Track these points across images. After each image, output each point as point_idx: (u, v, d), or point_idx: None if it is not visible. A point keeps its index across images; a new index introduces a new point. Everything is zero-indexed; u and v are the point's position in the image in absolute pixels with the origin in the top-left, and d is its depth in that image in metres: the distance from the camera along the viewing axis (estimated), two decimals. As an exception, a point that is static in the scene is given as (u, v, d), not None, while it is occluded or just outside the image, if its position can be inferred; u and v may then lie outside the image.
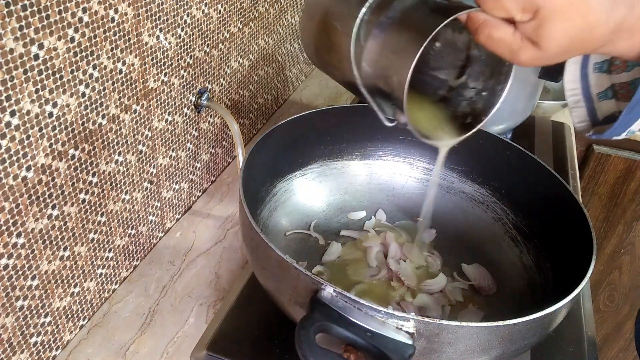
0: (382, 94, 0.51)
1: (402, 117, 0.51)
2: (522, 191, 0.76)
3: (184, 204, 0.89)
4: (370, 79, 0.50)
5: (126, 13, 0.62)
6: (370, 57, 0.48)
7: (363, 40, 0.48)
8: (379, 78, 0.49)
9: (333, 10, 0.52)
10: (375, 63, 0.48)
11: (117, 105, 0.66)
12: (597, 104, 0.52)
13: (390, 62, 0.47)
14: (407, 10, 0.47)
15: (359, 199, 0.84)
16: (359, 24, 0.48)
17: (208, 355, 0.64)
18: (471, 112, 0.55)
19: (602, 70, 0.51)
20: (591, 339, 0.72)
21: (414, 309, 0.68)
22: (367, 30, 0.48)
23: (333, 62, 0.53)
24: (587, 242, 0.59)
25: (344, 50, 0.49)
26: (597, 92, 0.52)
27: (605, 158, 1.39)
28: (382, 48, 0.47)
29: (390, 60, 0.47)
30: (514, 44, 0.40)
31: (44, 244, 0.59)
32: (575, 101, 0.52)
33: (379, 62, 0.48)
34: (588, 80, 0.51)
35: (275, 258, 0.52)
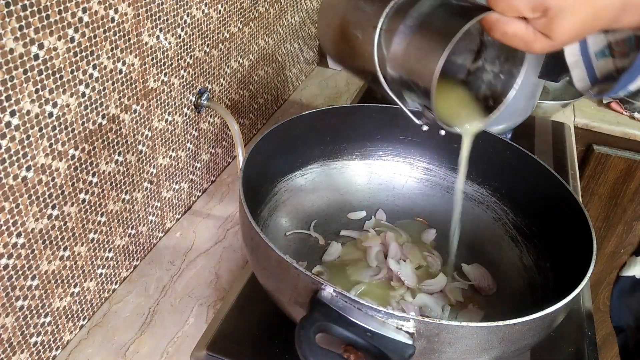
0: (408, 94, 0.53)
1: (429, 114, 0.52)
2: (522, 191, 0.76)
3: (184, 204, 0.89)
4: (396, 82, 0.51)
5: (126, 13, 0.62)
6: (395, 63, 0.50)
7: (385, 48, 0.50)
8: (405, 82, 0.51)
9: (351, 19, 0.53)
10: (400, 69, 0.50)
11: (117, 105, 0.66)
12: (595, 62, 0.54)
13: (415, 69, 0.49)
14: (426, 17, 0.48)
15: (359, 199, 0.84)
16: (379, 33, 0.50)
17: (208, 355, 0.64)
18: (491, 95, 0.56)
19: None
20: (591, 339, 0.72)
21: (414, 309, 0.68)
22: (388, 39, 0.49)
23: (358, 67, 0.55)
24: (587, 242, 0.59)
25: (367, 57, 0.51)
26: (594, 50, 0.54)
27: (605, 158, 1.39)
28: (406, 55, 0.49)
29: (415, 67, 0.49)
30: (527, 38, 0.42)
31: (44, 244, 0.59)
32: (574, 61, 0.54)
33: (404, 69, 0.50)
34: (586, 40, 0.53)
35: (275, 258, 0.52)
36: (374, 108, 0.80)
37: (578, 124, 1.36)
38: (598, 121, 1.37)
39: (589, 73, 0.54)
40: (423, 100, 0.51)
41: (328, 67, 1.43)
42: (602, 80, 0.54)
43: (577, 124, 1.36)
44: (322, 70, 1.42)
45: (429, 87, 0.47)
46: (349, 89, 1.33)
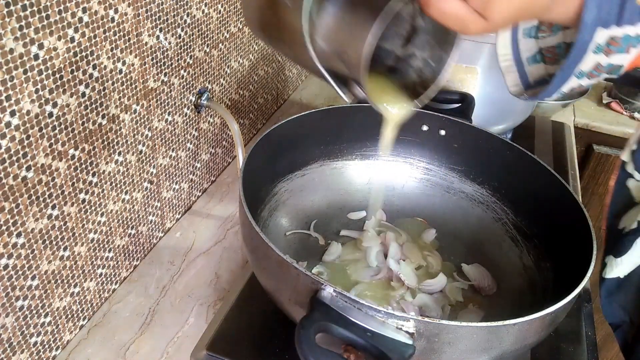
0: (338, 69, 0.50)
1: (359, 91, 0.50)
2: (522, 191, 0.76)
3: (184, 204, 0.89)
4: (325, 54, 0.48)
5: (126, 13, 0.62)
6: (325, 32, 0.47)
7: (315, 15, 0.47)
8: (335, 53, 0.48)
9: None
10: (330, 39, 0.47)
11: (117, 105, 0.66)
12: (527, 67, 0.55)
13: (347, 37, 0.46)
14: None
15: (359, 199, 0.84)
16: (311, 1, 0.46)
17: (208, 355, 0.64)
18: (421, 82, 0.54)
19: (530, 35, 0.54)
20: (591, 339, 0.72)
21: (414, 309, 0.68)
22: (319, 5, 0.46)
23: (283, 39, 0.52)
24: (587, 242, 0.59)
25: (295, 26, 0.47)
26: (526, 56, 0.55)
27: (605, 158, 1.39)
28: (338, 23, 0.46)
29: (347, 35, 0.46)
30: (464, 17, 0.41)
31: (44, 244, 0.59)
32: (507, 66, 0.55)
33: (335, 38, 0.47)
34: (518, 46, 0.54)
35: (275, 258, 0.52)
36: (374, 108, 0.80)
37: (578, 124, 1.36)
38: (598, 121, 1.37)
39: (522, 78, 0.55)
40: (353, 76, 0.48)
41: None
42: (535, 85, 0.55)
43: (577, 124, 1.36)
44: (322, 70, 1.42)
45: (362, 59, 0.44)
46: (349, 89, 1.33)
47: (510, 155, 0.76)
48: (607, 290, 0.64)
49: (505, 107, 1.02)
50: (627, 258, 0.62)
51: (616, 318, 0.65)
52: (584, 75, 0.46)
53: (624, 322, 0.65)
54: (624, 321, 0.65)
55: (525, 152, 0.74)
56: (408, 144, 0.84)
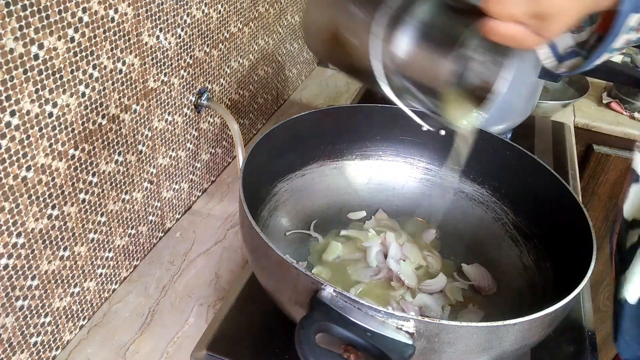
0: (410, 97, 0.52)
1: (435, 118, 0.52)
2: (522, 191, 0.76)
3: (184, 204, 0.89)
4: (398, 87, 0.51)
5: (126, 13, 0.62)
6: (396, 71, 0.49)
7: (384, 55, 0.49)
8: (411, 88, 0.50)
9: (342, 22, 0.51)
10: (402, 76, 0.49)
11: (117, 105, 0.66)
12: (556, 38, 0.56)
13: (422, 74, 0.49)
14: (425, 24, 0.48)
15: (359, 199, 0.84)
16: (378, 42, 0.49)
17: (208, 355, 0.64)
18: (483, 85, 0.55)
19: None
20: (591, 339, 0.72)
21: (414, 309, 0.68)
22: (386, 45, 0.48)
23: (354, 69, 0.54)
24: (587, 242, 0.59)
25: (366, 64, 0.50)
26: None
27: (605, 158, 1.39)
28: (409, 64, 0.48)
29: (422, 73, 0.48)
30: (521, 38, 0.44)
31: (44, 244, 0.59)
32: None
33: (407, 76, 0.49)
34: None
35: (275, 258, 0.52)
36: (374, 108, 0.80)
37: (578, 124, 1.36)
38: (598, 121, 1.37)
39: (553, 50, 0.57)
40: (428, 104, 0.51)
41: (328, 67, 1.43)
42: (565, 56, 0.57)
43: (577, 124, 1.36)
44: (322, 70, 1.42)
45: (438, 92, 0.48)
46: (349, 89, 1.33)
47: (510, 155, 0.76)
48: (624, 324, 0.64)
49: (505, 107, 1.02)
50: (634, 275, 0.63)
51: (630, 354, 0.65)
52: (614, 50, 0.50)
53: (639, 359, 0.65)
54: (639, 357, 0.65)
55: (525, 152, 0.74)
56: (408, 144, 0.84)
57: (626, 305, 0.63)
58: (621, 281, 0.64)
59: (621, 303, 0.64)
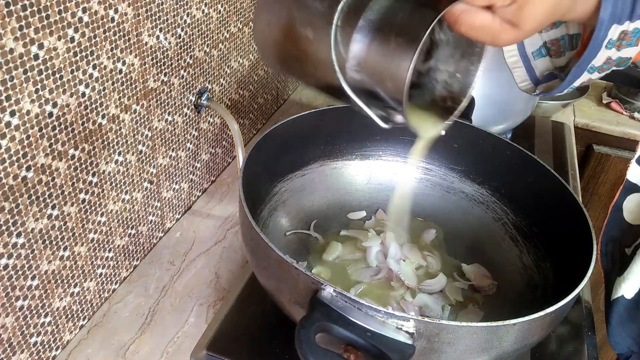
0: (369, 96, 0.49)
1: (397, 117, 0.49)
2: (522, 191, 0.76)
3: (184, 204, 0.89)
4: (356, 83, 0.47)
5: (126, 13, 0.62)
6: (356, 63, 0.46)
7: (343, 46, 0.45)
8: (368, 83, 0.47)
9: (298, 16, 0.48)
10: (362, 69, 0.46)
11: (117, 105, 0.66)
12: (533, 62, 0.55)
13: (382, 67, 0.45)
14: (387, 10, 0.44)
15: (359, 199, 0.84)
16: (335, 30, 0.45)
17: (208, 355, 0.64)
18: (449, 95, 0.53)
19: None
20: (591, 339, 0.72)
21: (414, 309, 0.68)
22: (345, 36, 0.45)
23: (307, 70, 0.50)
24: (587, 242, 0.59)
25: (321, 58, 0.46)
26: (531, 50, 0.55)
27: (605, 158, 1.39)
28: (370, 53, 0.45)
29: (382, 65, 0.45)
30: (494, 29, 0.41)
31: (44, 244, 0.59)
32: (514, 61, 0.55)
33: (368, 68, 0.46)
34: (523, 41, 0.53)
35: (275, 258, 0.52)
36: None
37: (578, 124, 1.36)
38: (598, 121, 1.37)
39: (530, 73, 0.55)
40: (388, 103, 0.48)
41: None
42: (543, 79, 0.55)
43: (577, 124, 1.36)
44: (322, 70, 1.42)
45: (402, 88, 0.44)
46: (349, 89, 1.33)
47: (510, 155, 0.76)
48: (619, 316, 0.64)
49: (505, 107, 1.02)
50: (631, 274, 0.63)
51: (624, 348, 0.65)
52: (594, 70, 0.47)
53: (633, 353, 0.65)
54: (632, 351, 0.65)
55: (525, 152, 0.74)
56: (408, 144, 0.84)
57: (622, 301, 0.63)
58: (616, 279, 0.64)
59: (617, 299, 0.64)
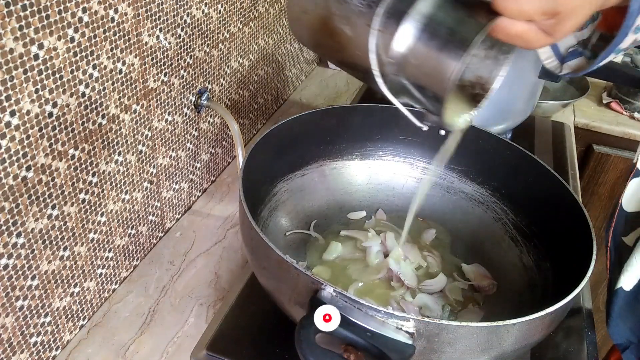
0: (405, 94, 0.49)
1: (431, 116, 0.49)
2: (522, 191, 0.76)
3: (184, 204, 0.89)
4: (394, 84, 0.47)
5: (126, 13, 0.62)
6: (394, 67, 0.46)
7: (381, 48, 0.45)
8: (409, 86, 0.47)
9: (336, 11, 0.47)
10: (401, 72, 0.46)
11: (117, 105, 0.66)
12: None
13: (424, 74, 0.45)
14: (429, 19, 0.44)
15: (359, 199, 0.84)
16: (375, 34, 0.45)
17: (208, 355, 0.64)
18: (477, 81, 0.52)
19: None
20: (591, 339, 0.72)
21: (414, 309, 0.68)
22: (385, 39, 0.45)
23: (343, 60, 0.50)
24: (587, 242, 0.59)
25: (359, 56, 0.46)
26: None
27: (605, 158, 1.39)
28: (411, 61, 0.45)
29: (424, 72, 0.45)
30: (530, 37, 0.42)
31: (44, 244, 0.59)
32: None
33: (409, 73, 0.46)
34: None
35: (275, 258, 0.52)
36: (374, 108, 0.80)
37: (578, 124, 1.36)
38: (598, 121, 1.37)
39: (554, 49, 0.55)
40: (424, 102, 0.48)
41: (328, 67, 1.43)
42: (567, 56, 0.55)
43: (577, 124, 1.36)
44: (322, 70, 1.42)
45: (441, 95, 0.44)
46: (349, 89, 1.33)
47: (510, 155, 0.76)
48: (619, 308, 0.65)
49: (505, 107, 1.02)
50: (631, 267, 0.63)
51: (622, 339, 0.65)
52: (620, 51, 0.49)
53: (631, 344, 0.65)
54: (631, 342, 0.65)
55: (525, 152, 0.74)
56: (408, 144, 0.84)
57: (621, 293, 0.64)
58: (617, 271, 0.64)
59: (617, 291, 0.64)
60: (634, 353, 0.65)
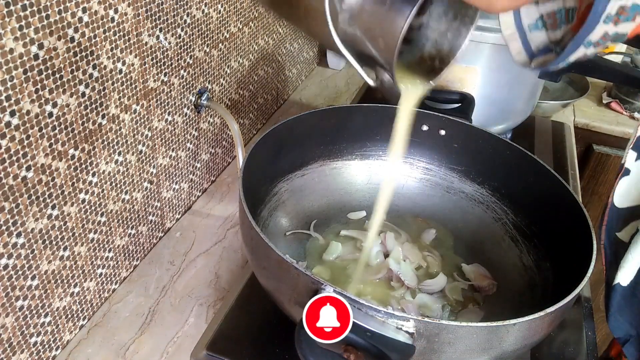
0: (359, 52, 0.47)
1: (385, 75, 0.48)
2: (522, 191, 0.76)
3: (184, 204, 0.89)
4: (347, 37, 0.46)
5: (126, 13, 0.62)
6: (349, 16, 0.45)
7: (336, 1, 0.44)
8: (359, 37, 0.46)
9: None
10: (355, 22, 0.45)
11: (117, 105, 0.66)
12: (529, 34, 0.55)
13: (376, 23, 0.44)
14: None
15: (359, 199, 0.84)
16: None
17: (208, 355, 0.64)
18: (437, 54, 0.52)
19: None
20: (591, 339, 0.72)
21: (414, 309, 0.68)
22: None
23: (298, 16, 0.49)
24: (587, 242, 0.59)
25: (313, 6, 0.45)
26: (528, 23, 0.54)
27: (605, 158, 1.39)
28: (365, 7, 0.44)
29: (376, 21, 0.44)
30: None
31: (44, 244, 0.59)
32: (510, 34, 0.56)
33: (361, 22, 0.45)
34: (519, 12, 0.54)
35: (275, 258, 0.52)
36: (374, 108, 0.80)
37: (578, 124, 1.36)
38: (598, 121, 1.37)
39: (525, 46, 0.55)
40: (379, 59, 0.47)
41: (328, 67, 1.43)
42: (537, 53, 0.55)
43: (577, 124, 1.36)
44: (322, 70, 1.42)
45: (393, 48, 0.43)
46: (349, 89, 1.33)
47: (510, 155, 0.76)
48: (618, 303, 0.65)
49: (505, 107, 1.02)
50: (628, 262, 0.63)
51: (622, 332, 0.65)
52: (590, 45, 0.47)
53: (631, 337, 0.65)
54: (630, 335, 0.65)
55: (525, 152, 0.74)
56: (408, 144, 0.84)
57: (619, 288, 0.64)
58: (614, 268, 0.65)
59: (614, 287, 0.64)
60: (634, 346, 0.66)
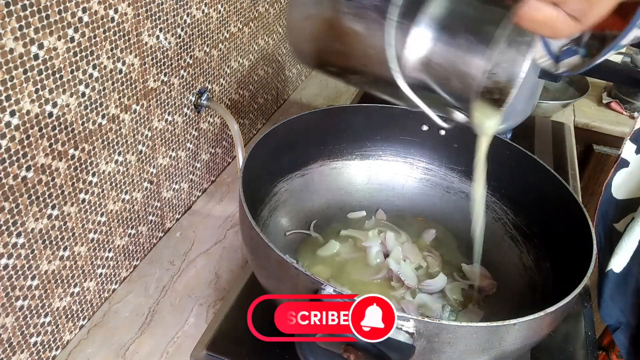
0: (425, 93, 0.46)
1: (457, 115, 0.47)
2: (522, 191, 0.76)
3: (184, 204, 0.89)
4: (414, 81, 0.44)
5: (126, 13, 0.62)
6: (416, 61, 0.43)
7: (399, 43, 0.42)
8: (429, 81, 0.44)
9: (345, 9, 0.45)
10: (424, 67, 0.43)
11: (117, 105, 0.66)
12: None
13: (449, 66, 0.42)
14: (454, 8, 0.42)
15: (359, 199, 0.84)
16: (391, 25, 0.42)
17: (208, 355, 0.64)
18: (495, 85, 0.50)
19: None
20: (591, 339, 0.72)
21: (414, 309, 0.68)
22: (402, 33, 0.42)
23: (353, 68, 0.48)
24: (587, 242, 0.59)
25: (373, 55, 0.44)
26: None
27: (605, 158, 1.39)
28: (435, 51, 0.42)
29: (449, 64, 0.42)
30: (557, 24, 0.39)
31: (44, 244, 0.59)
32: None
33: (431, 66, 0.43)
34: None
35: (275, 258, 0.52)
36: (374, 108, 0.80)
37: (578, 124, 1.36)
38: (598, 121, 1.37)
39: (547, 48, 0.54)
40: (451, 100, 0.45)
41: None
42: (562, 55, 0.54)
43: (577, 124, 1.36)
44: (322, 70, 1.42)
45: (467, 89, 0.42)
46: (349, 89, 1.33)
47: (510, 155, 0.76)
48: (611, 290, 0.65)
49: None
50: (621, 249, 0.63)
51: (613, 319, 0.66)
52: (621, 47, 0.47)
53: (621, 324, 0.65)
54: (621, 322, 0.65)
55: (525, 152, 0.74)
56: (408, 144, 0.84)
57: (611, 275, 0.64)
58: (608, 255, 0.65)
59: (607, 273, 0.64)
60: (624, 333, 0.66)
